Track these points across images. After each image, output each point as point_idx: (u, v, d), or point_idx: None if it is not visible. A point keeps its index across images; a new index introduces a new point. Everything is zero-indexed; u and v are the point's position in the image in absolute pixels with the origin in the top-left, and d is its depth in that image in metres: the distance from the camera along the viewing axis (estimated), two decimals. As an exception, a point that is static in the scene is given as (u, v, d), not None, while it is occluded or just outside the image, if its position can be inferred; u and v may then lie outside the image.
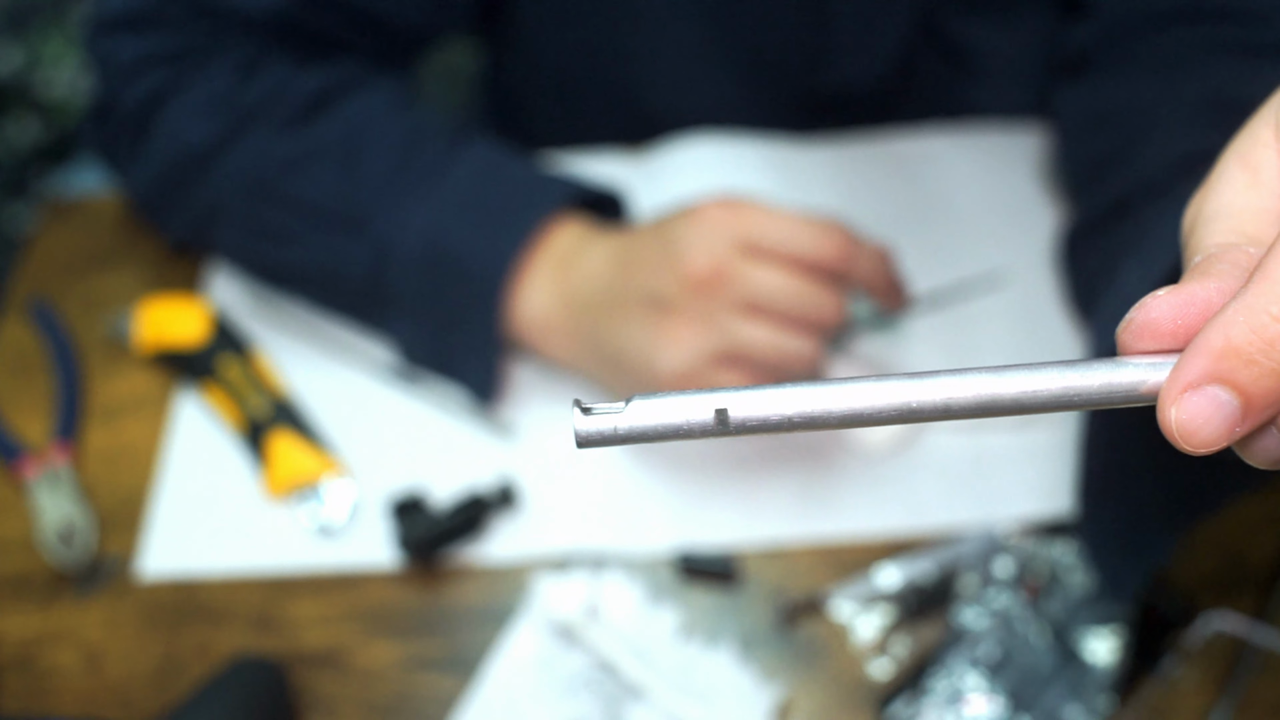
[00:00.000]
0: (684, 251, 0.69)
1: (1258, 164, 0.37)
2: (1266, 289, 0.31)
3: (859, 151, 0.92)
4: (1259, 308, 0.31)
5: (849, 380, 0.33)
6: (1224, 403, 0.31)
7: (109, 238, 0.92)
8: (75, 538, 0.74)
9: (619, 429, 0.33)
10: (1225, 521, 0.71)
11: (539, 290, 0.74)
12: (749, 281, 0.68)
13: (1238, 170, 0.37)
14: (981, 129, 0.92)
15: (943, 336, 0.81)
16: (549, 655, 0.68)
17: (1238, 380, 0.31)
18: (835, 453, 0.75)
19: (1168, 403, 0.32)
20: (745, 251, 0.69)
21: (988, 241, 0.86)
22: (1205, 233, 0.36)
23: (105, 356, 0.85)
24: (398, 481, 0.76)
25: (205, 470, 0.78)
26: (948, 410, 0.33)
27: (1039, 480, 0.73)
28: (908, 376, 0.33)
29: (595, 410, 0.32)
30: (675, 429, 0.33)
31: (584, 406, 0.32)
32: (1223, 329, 0.31)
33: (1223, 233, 0.36)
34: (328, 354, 0.83)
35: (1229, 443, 0.32)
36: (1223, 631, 0.66)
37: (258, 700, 0.64)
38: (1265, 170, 0.37)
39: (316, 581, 0.73)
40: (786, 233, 0.69)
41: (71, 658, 0.71)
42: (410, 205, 0.75)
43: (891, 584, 0.69)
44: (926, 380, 0.33)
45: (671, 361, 0.69)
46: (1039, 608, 0.67)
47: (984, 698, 0.64)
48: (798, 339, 0.69)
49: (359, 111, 0.79)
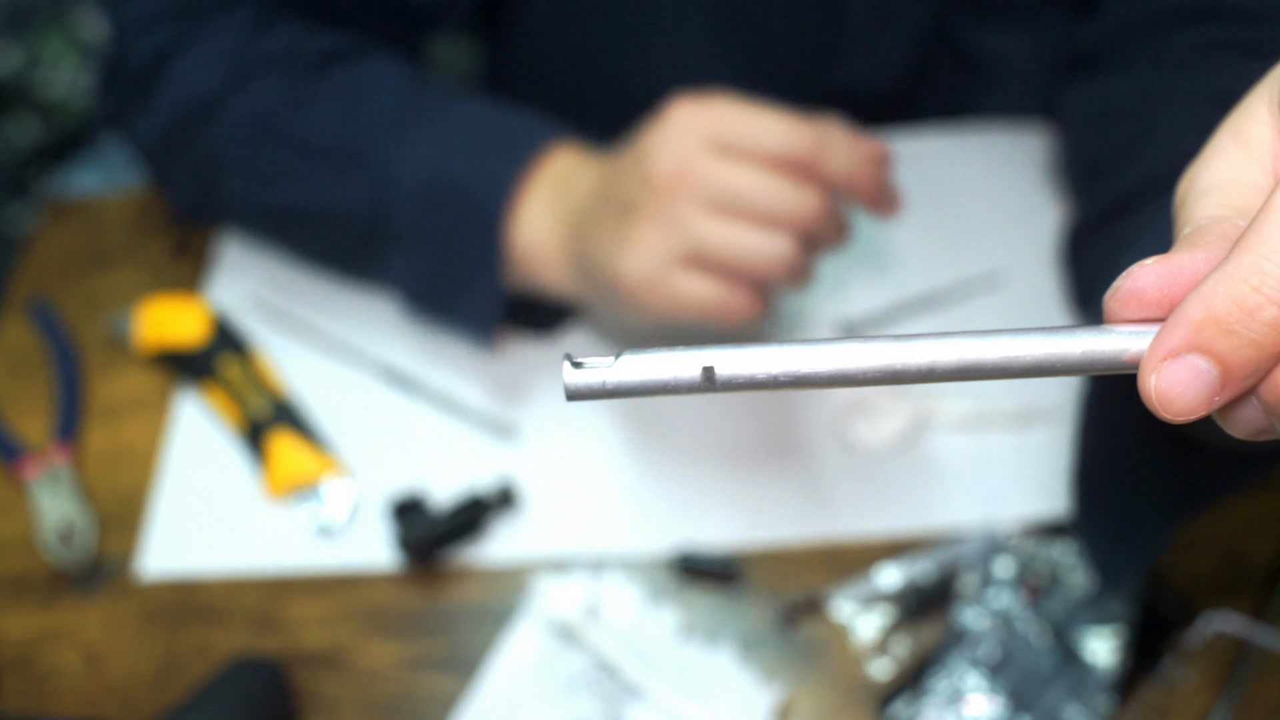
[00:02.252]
0: (649, 153, 0.67)
1: (1251, 139, 0.37)
2: (1247, 260, 0.31)
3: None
4: (1239, 277, 0.31)
5: (835, 340, 0.33)
6: (1203, 371, 0.31)
7: (109, 238, 0.92)
8: (75, 538, 0.75)
9: (607, 383, 0.33)
10: (1225, 522, 0.71)
11: (536, 215, 0.74)
12: (713, 178, 0.65)
13: (1231, 145, 0.37)
14: (982, 129, 0.92)
15: None
16: (549, 655, 0.68)
17: (1216, 349, 0.31)
18: (836, 452, 0.75)
19: (1148, 370, 0.32)
20: (712, 148, 0.66)
21: (988, 241, 0.86)
22: (1196, 205, 0.36)
23: (105, 356, 0.85)
24: (397, 482, 0.76)
25: (205, 470, 0.78)
26: (931, 372, 0.33)
27: (1039, 480, 0.73)
28: (893, 338, 0.33)
29: (585, 364, 0.33)
30: (663, 384, 0.33)
31: (574, 360, 0.33)
32: (1203, 299, 0.31)
33: (1213, 205, 0.36)
34: (328, 354, 0.83)
35: (1208, 411, 0.32)
36: (1223, 631, 0.66)
37: (258, 700, 0.64)
38: (1258, 145, 0.37)
39: (316, 582, 0.73)
40: (755, 126, 0.66)
41: (71, 658, 0.71)
42: (411, 139, 0.75)
43: (891, 584, 0.69)
44: (912, 342, 0.33)
45: (633, 266, 0.66)
46: (1039, 608, 0.67)
47: (984, 698, 0.64)
48: (771, 238, 0.65)
49: (365, 68, 0.80)
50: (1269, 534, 0.71)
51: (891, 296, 0.83)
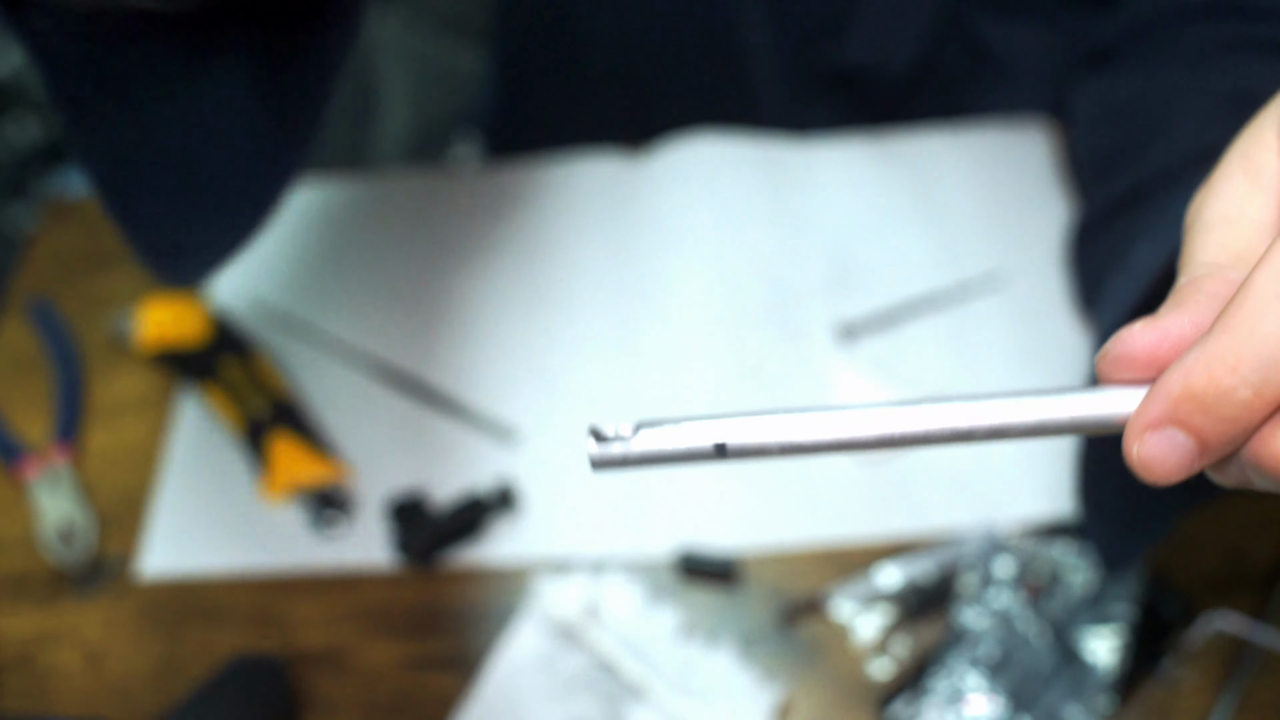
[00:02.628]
0: None
1: (1259, 167, 0.38)
2: (1224, 341, 0.32)
3: (860, 151, 0.92)
4: (1216, 358, 0.32)
5: (835, 408, 0.36)
6: (1180, 444, 0.33)
7: (109, 238, 0.93)
8: (75, 538, 0.75)
9: (629, 454, 0.37)
10: (1225, 522, 0.71)
11: None
12: None
13: (1240, 171, 0.38)
14: (984, 128, 0.93)
15: (943, 336, 0.81)
16: (549, 655, 0.69)
17: (1193, 425, 0.33)
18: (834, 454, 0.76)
19: (1130, 440, 0.34)
20: None
21: (989, 241, 0.86)
22: (1199, 243, 0.38)
23: (105, 356, 0.85)
24: (397, 483, 0.76)
25: (205, 470, 0.79)
26: (926, 438, 0.36)
27: (1040, 480, 0.74)
28: (891, 405, 0.36)
29: (608, 439, 0.37)
30: (679, 454, 0.37)
31: (599, 434, 0.37)
32: (1183, 374, 0.33)
33: (1214, 247, 0.37)
34: (328, 355, 0.83)
35: (1189, 475, 0.34)
36: (1223, 631, 0.67)
37: (259, 697, 0.65)
38: (1266, 174, 0.38)
39: (317, 582, 0.73)
40: None
41: (72, 657, 0.71)
42: None
43: (891, 584, 0.69)
44: (907, 410, 0.36)
45: None
46: (1039, 608, 0.67)
47: (984, 697, 0.64)
48: None
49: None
50: (1269, 534, 0.71)
51: (891, 298, 0.83)
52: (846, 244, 0.86)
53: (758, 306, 0.83)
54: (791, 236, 0.87)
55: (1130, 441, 0.34)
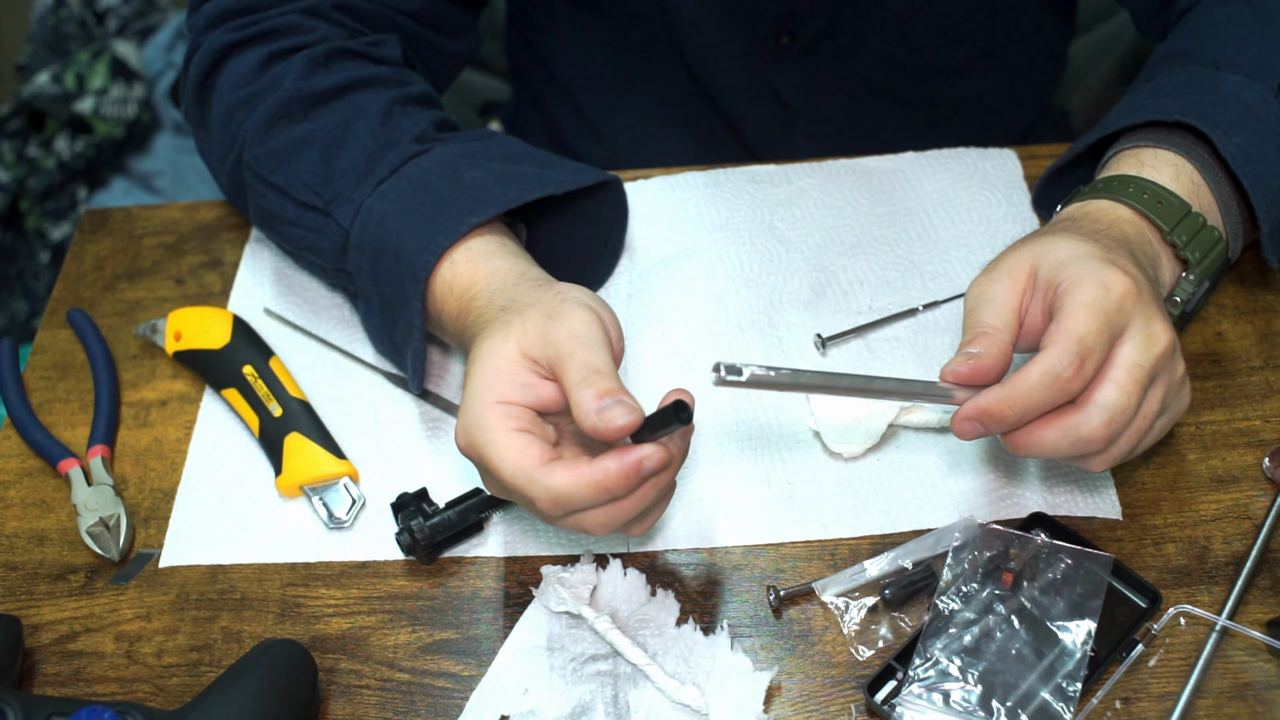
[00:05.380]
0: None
1: (1013, 276, 0.68)
2: (1009, 392, 0.65)
3: (838, 169, 0.94)
4: (1005, 400, 0.65)
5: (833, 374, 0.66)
6: (977, 429, 0.66)
7: (143, 251, 0.97)
8: (112, 532, 0.78)
9: (754, 375, 0.62)
10: (1191, 517, 0.74)
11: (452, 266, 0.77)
12: None
13: (1006, 276, 0.69)
14: (957, 152, 0.95)
15: (908, 344, 0.84)
16: (555, 642, 0.72)
17: (985, 422, 0.66)
18: (818, 456, 0.79)
19: (956, 417, 0.67)
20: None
21: (960, 262, 0.88)
22: (981, 311, 0.68)
23: (139, 362, 0.89)
24: (404, 481, 0.79)
25: (229, 468, 0.82)
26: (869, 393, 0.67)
27: (1016, 476, 0.76)
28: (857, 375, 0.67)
29: (726, 371, 0.61)
30: (768, 381, 0.63)
31: (725, 366, 0.61)
32: (989, 401, 0.65)
33: (990, 315, 0.68)
34: (342, 363, 0.87)
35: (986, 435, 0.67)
36: (1188, 620, 0.69)
37: (286, 678, 0.67)
38: (1015, 279, 0.68)
39: (334, 573, 0.77)
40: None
41: (109, 644, 0.75)
42: (365, 189, 0.79)
43: (877, 574, 0.72)
44: (865, 377, 0.67)
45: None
46: (1016, 597, 0.69)
47: (963, 683, 0.67)
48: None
49: (357, 105, 0.82)
50: (1231, 531, 0.73)
51: (866, 311, 0.86)
52: (825, 260, 0.89)
53: (745, 316, 0.87)
54: (777, 254, 0.90)
55: (956, 418, 0.67)
